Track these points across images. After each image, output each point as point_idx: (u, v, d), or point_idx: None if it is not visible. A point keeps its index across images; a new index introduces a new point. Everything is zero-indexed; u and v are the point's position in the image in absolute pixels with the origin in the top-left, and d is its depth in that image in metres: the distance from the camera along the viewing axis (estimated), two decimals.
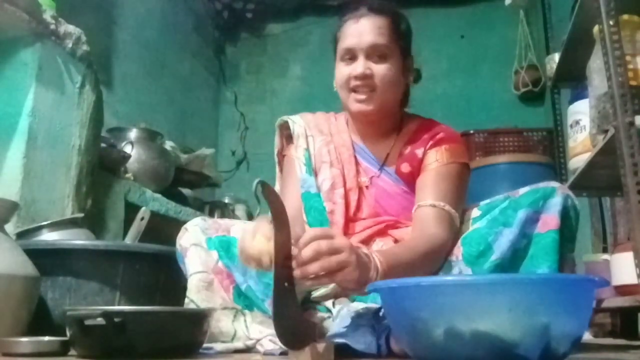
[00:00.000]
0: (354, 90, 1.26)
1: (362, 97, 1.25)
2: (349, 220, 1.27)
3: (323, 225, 1.25)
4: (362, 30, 1.25)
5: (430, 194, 1.20)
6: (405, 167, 1.29)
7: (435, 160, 1.25)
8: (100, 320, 0.89)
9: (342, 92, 1.29)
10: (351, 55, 1.26)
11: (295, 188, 1.30)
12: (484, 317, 0.73)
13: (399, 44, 1.28)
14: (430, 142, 1.28)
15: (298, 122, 1.38)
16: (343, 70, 1.27)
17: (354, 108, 1.27)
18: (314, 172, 1.31)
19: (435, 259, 1.13)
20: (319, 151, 1.34)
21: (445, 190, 1.21)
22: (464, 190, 1.26)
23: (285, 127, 1.40)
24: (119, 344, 0.91)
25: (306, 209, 1.28)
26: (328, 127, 1.39)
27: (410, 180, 1.28)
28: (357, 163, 1.33)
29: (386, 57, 1.25)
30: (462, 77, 3.64)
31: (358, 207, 1.29)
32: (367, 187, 1.30)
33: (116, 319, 0.89)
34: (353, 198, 1.29)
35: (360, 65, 1.24)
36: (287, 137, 1.41)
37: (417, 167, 1.27)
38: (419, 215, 1.19)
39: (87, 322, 0.90)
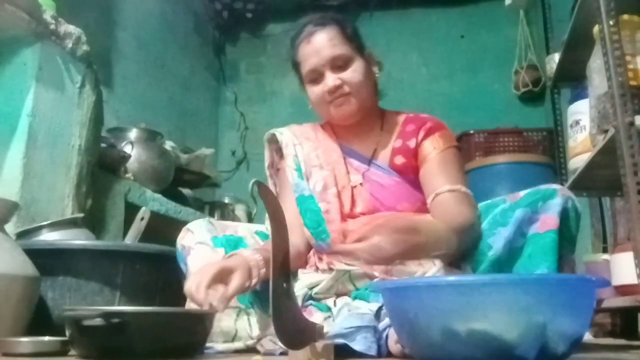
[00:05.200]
0: (331, 102, 1.30)
1: (341, 100, 1.29)
2: (346, 217, 1.28)
3: (320, 225, 1.27)
4: (317, 47, 1.30)
5: (443, 180, 1.23)
6: (399, 159, 1.31)
7: (433, 149, 1.29)
8: (98, 321, 0.88)
9: (321, 109, 1.34)
10: (317, 75, 1.30)
11: (292, 197, 1.32)
12: (482, 317, 0.73)
13: (353, 46, 1.32)
14: (422, 133, 1.31)
15: (285, 133, 1.41)
16: (315, 90, 1.31)
17: (337, 116, 1.32)
18: (305, 176, 1.33)
19: (466, 235, 1.12)
20: (308, 156, 1.36)
21: (455, 173, 1.25)
22: (464, 171, 1.32)
23: (274, 140, 1.43)
24: (118, 344, 0.91)
25: (302, 212, 1.29)
26: (315, 134, 1.42)
27: (404, 171, 1.30)
28: (346, 163, 1.35)
29: (348, 63, 1.30)
30: (462, 77, 3.64)
31: (353, 203, 1.30)
32: (361, 184, 1.31)
33: (114, 320, 0.89)
34: (347, 195, 1.30)
35: (330, 80, 1.28)
36: (277, 150, 1.43)
37: (412, 158, 1.30)
38: (439, 202, 1.20)
39: (86, 323, 0.89)
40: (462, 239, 1.11)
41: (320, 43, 1.30)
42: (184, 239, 1.25)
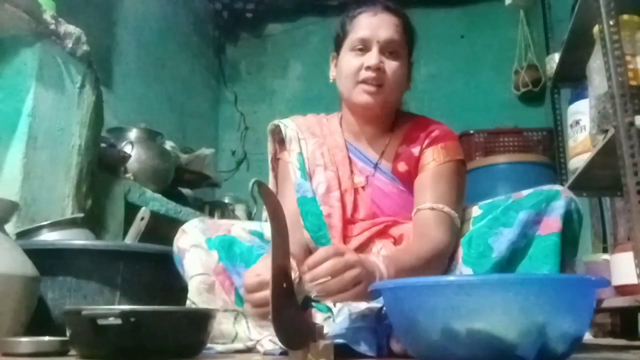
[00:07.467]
0: (362, 82, 1.25)
1: (372, 89, 1.24)
2: (347, 223, 1.26)
3: (321, 230, 1.25)
4: (379, 23, 1.26)
5: (429, 196, 1.20)
6: (402, 167, 1.28)
7: (433, 160, 1.25)
8: (112, 320, 0.87)
9: (347, 82, 1.27)
10: (364, 46, 1.25)
11: (292, 193, 1.29)
12: (482, 317, 0.73)
13: (409, 46, 1.31)
14: (427, 141, 1.28)
15: (290, 126, 1.37)
16: (353, 61, 1.26)
17: (360, 99, 1.26)
18: (308, 175, 1.30)
19: (438, 262, 1.12)
20: (312, 154, 1.32)
21: (444, 191, 1.21)
22: (462, 188, 1.26)
23: (277, 131, 1.39)
24: (133, 344, 0.90)
25: (303, 214, 1.27)
26: (320, 128, 1.38)
27: (407, 180, 1.28)
28: (351, 163, 1.32)
29: (398, 56, 1.27)
30: (462, 77, 3.64)
31: (355, 208, 1.28)
32: (363, 187, 1.29)
33: (132, 319, 0.88)
34: (349, 199, 1.28)
35: (374, 57, 1.23)
36: (280, 141, 1.39)
37: (414, 166, 1.27)
38: (419, 218, 1.19)
39: (101, 322, 0.88)
40: (434, 266, 1.10)
41: (384, 21, 1.26)
42: (179, 241, 1.24)
